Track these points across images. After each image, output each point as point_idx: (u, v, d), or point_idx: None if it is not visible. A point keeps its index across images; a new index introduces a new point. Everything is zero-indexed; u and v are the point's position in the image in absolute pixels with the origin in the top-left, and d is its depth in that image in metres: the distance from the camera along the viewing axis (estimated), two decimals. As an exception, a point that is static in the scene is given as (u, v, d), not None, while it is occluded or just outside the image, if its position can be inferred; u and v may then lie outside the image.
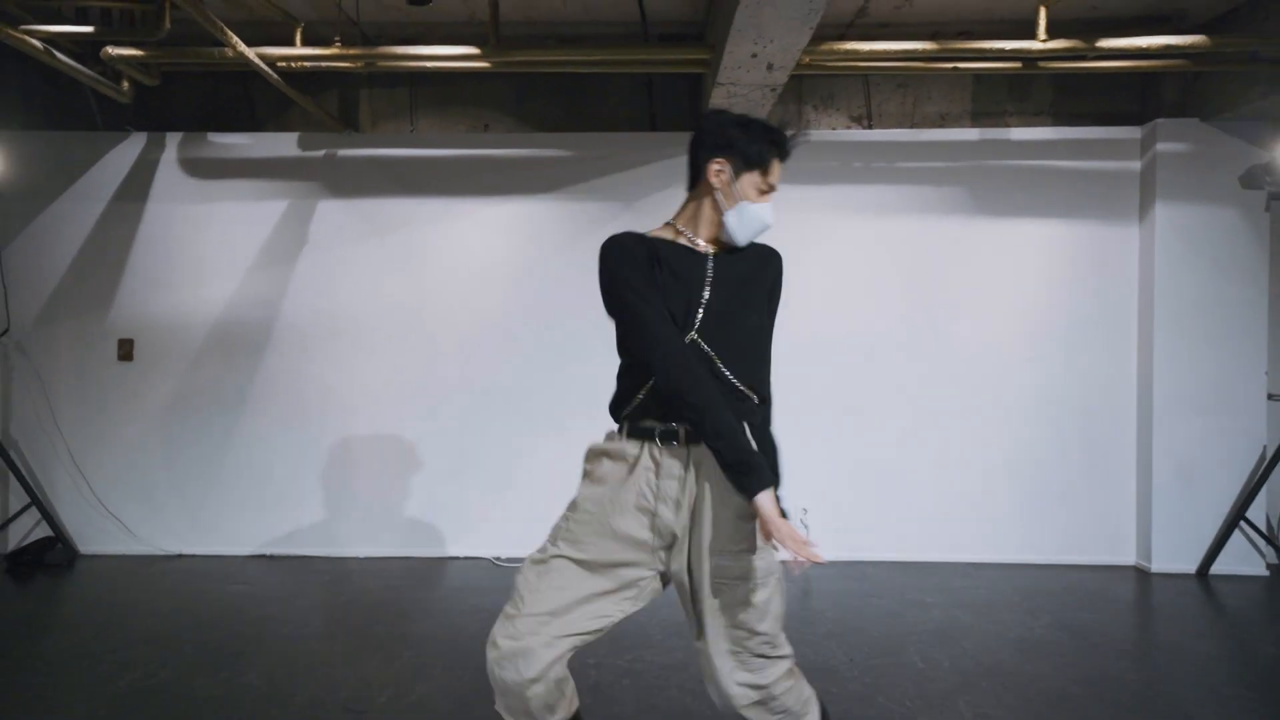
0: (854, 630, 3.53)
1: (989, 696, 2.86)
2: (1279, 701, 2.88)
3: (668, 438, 1.83)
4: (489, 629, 1.81)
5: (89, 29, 3.63)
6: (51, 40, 3.62)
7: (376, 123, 4.92)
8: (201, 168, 4.77)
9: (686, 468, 1.83)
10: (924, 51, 3.95)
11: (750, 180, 1.88)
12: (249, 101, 4.91)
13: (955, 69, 4.05)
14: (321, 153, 4.78)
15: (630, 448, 1.85)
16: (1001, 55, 3.87)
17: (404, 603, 3.91)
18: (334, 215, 4.77)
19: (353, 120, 4.88)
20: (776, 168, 1.91)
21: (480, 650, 1.83)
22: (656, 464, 1.83)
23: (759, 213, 1.90)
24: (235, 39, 3.60)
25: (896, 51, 3.86)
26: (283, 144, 4.79)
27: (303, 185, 4.77)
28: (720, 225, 1.91)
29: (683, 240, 1.94)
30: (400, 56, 4.01)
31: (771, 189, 1.91)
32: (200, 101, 4.86)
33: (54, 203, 4.75)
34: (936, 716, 2.70)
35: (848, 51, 3.85)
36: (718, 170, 1.89)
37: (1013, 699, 2.84)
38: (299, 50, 3.99)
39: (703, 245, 1.93)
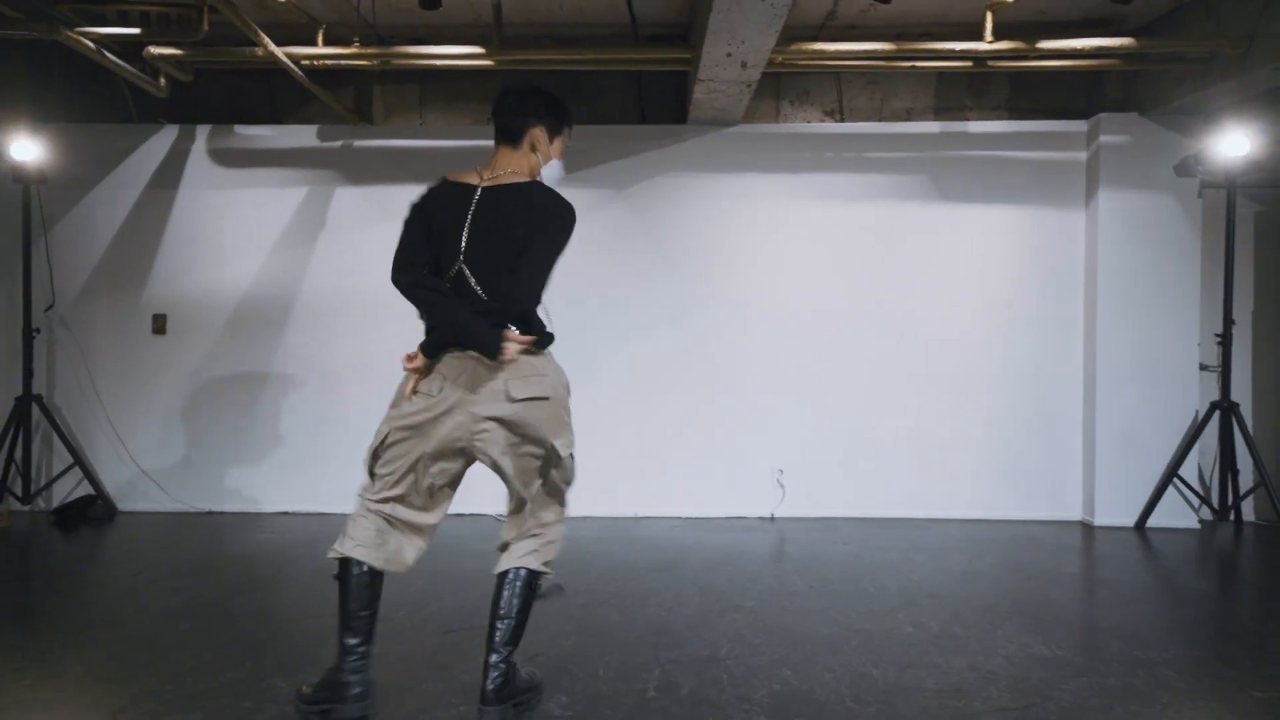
0: (817, 567, 3.97)
1: (926, 611, 3.30)
2: (1191, 623, 3.31)
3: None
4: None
5: (136, 30, 4.06)
6: (101, 41, 4.05)
7: (389, 116, 5.36)
8: (228, 157, 5.21)
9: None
10: (885, 51, 4.39)
11: (559, 145, 2.51)
12: (271, 96, 5.34)
13: (914, 67, 4.49)
14: (339, 144, 5.21)
15: None
16: (954, 55, 4.30)
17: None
18: (350, 202, 5.20)
19: (367, 114, 5.31)
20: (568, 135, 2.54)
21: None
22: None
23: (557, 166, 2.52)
24: (266, 39, 4.03)
25: (860, 51, 4.30)
26: (303, 136, 5.22)
27: (321, 174, 5.20)
28: (531, 173, 2.46)
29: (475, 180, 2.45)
30: (412, 55, 4.45)
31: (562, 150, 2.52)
32: (226, 96, 5.30)
33: (94, 190, 5.19)
34: (879, 624, 3.14)
35: (816, 51, 4.29)
36: (540, 134, 2.45)
37: (946, 614, 3.27)
38: (321, 49, 4.42)
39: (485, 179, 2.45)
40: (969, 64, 4.44)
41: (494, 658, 2.24)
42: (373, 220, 5.18)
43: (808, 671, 2.68)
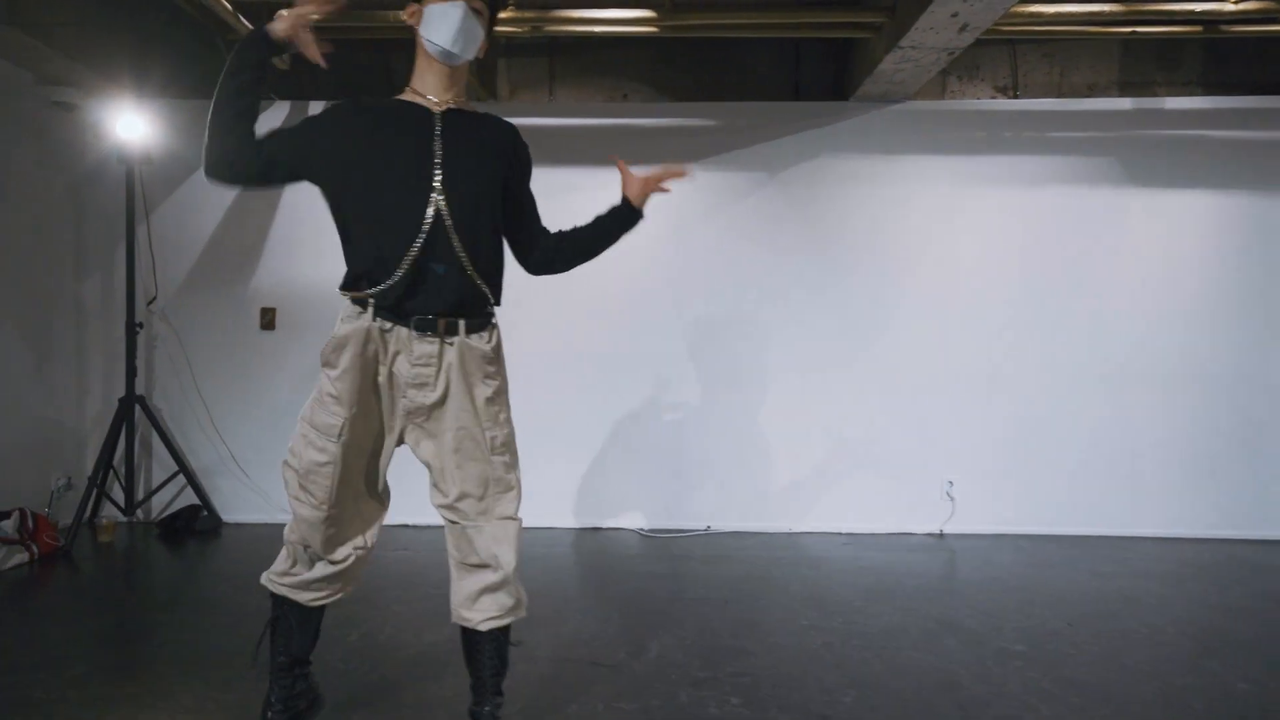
0: (1048, 598, 3.49)
1: (1239, 662, 2.80)
2: None
3: None
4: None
5: (278, -11, 3.59)
6: (238, 4, 3.60)
7: (514, 91, 4.90)
8: (344, 136, 4.75)
9: None
10: (1108, 14, 3.90)
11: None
12: (387, 70, 4.88)
13: (1134, 33, 3.99)
14: (464, 121, 4.75)
15: None
16: (1190, 18, 3.81)
17: (549, 560, 3.92)
18: (476, 184, 4.74)
19: (491, 88, 4.85)
20: None
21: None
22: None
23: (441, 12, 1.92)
24: None
25: (1081, 14, 3.81)
26: (424, 113, 4.76)
27: (445, 154, 4.74)
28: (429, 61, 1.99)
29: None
30: (569, 20, 3.98)
31: None
32: (338, 70, 4.82)
33: (197, 171, 4.74)
34: (1200, 679, 2.65)
35: (1032, 15, 3.81)
36: (411, 13, 1.98)
37: (1259, 663, 2.80)
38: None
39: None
40: (1199, 29, 3.95)
41: None
42: (502, 206, 4.72)
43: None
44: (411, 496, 2.69)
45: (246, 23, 3.73)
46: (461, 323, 1.95)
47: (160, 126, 4.43)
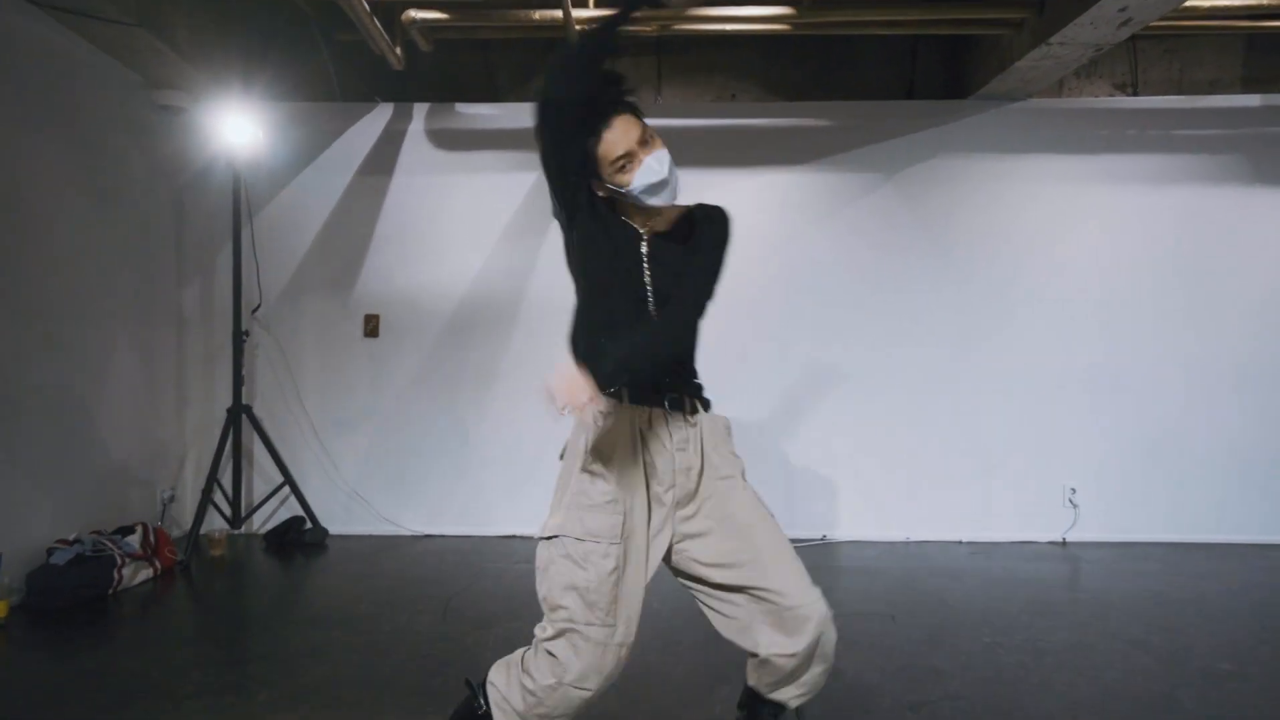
0: (1228, 613, 3.35)
1: None
2: None
3: None
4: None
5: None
6: (375, 3, 3.50)
7: (620, 92, 4.78)
8: (448, 139, 4.65)
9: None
10: (1243, 8, 3.79)
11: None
12: (489, 72, 4.78)
13: (1258, 27, 3.89)
14: (571, 123, 4.64)
15: None
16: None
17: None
18: (583, 187, 4.63)
19: (596, 90, 4.74)
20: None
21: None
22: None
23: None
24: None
25: (1237, 8, 3.69)
26: (529, 115, 4.64)
27: (551, 156, 4.63)
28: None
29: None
30: (703, 19, 3.88)
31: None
32: (441, 72, 4.73)
33: (299, 175, 4.65)
34: None
35: (1186, 9, 3.69)
36: None
37: None
38: (601, 12, 3.85)
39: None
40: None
41: None
42: (610, 209, 4.61)
43: None
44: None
45: (379, 27, 3.62)
46: None
47: (266, 130, 4.32)
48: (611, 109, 1.73)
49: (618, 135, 1.71)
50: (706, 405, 1.88)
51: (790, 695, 1.80)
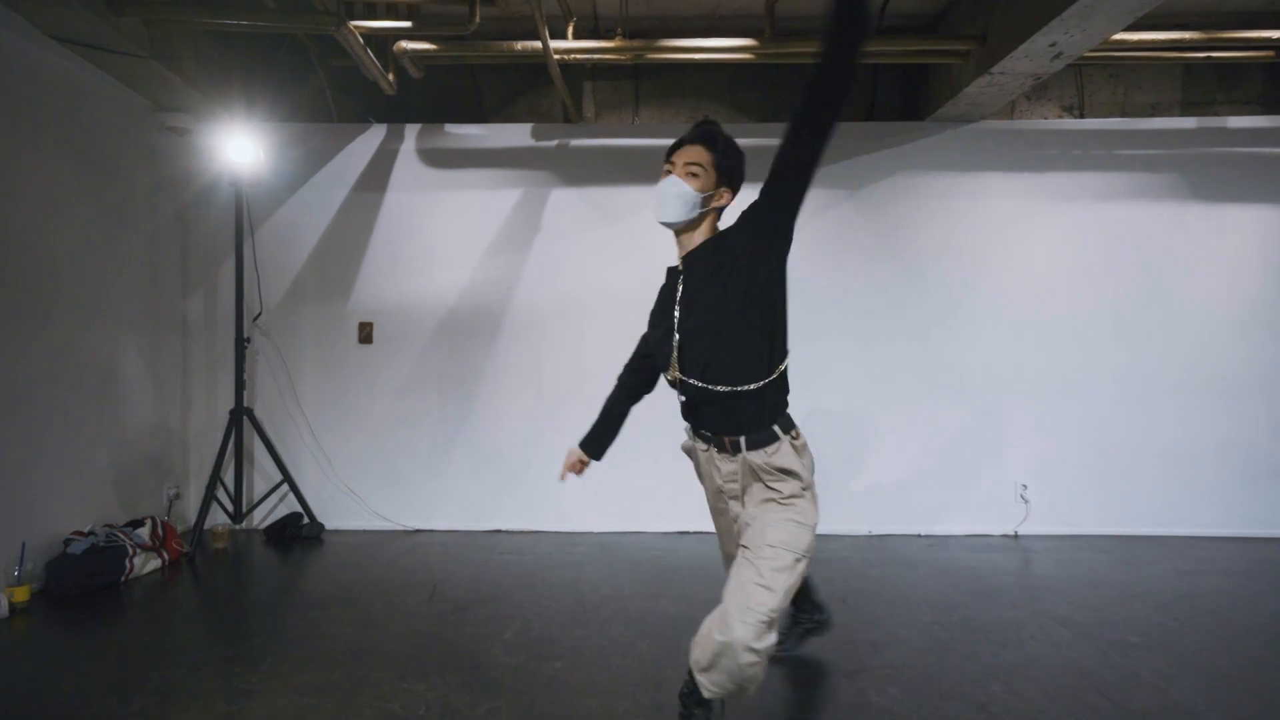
0: (1148, 594, 3.66)
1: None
2: None
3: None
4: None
5: (407, 24, 3.80)
6: (368, 35, 3.80)
7: (600, 114, 5.10)
8: (438, 158, 4.95)
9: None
10: (1186, 41, 4.11)
11: None
12: (477, 94, 5.09)
13: (1207, 58, 4.20)
14: (554, 143, 4.95)
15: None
16: (1268, 44, 4.02)
17: (669, 560, 4.09)
18: (564, 203, 4.93)
19: (578, 111, 5.05)
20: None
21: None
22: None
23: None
24: (545, 31, 3.77)
25: (1161, 41, 4.01)
26: (515, 135, 4.95)
27: (534, 174, 4.94)
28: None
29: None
30: (673, 49, 4.18)
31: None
32: (430, 95, 5.04)
33: (297, 192, 4.94)
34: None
35: (1116, 41, 4.01)
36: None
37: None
38: (577, 43, 4.16)
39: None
40: (1270, 54, 4.16)
41: None
42: (590, 223, 4.92)
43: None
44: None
45: (372, 56, 3.92)
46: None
47: (266, 150, 4.62)
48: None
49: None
50: (761, 443, 2.21)
51: (706, 680, 2.03)
